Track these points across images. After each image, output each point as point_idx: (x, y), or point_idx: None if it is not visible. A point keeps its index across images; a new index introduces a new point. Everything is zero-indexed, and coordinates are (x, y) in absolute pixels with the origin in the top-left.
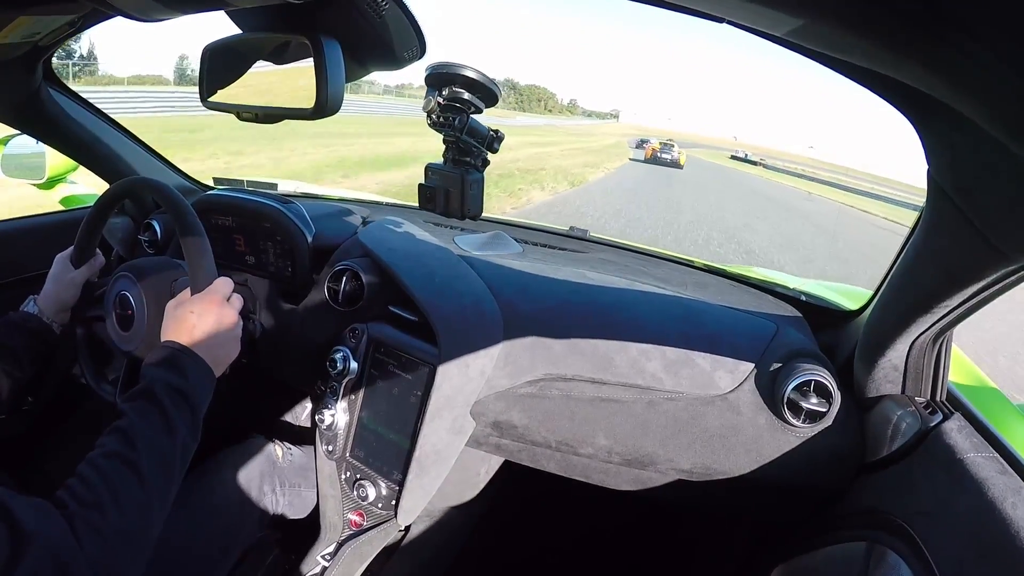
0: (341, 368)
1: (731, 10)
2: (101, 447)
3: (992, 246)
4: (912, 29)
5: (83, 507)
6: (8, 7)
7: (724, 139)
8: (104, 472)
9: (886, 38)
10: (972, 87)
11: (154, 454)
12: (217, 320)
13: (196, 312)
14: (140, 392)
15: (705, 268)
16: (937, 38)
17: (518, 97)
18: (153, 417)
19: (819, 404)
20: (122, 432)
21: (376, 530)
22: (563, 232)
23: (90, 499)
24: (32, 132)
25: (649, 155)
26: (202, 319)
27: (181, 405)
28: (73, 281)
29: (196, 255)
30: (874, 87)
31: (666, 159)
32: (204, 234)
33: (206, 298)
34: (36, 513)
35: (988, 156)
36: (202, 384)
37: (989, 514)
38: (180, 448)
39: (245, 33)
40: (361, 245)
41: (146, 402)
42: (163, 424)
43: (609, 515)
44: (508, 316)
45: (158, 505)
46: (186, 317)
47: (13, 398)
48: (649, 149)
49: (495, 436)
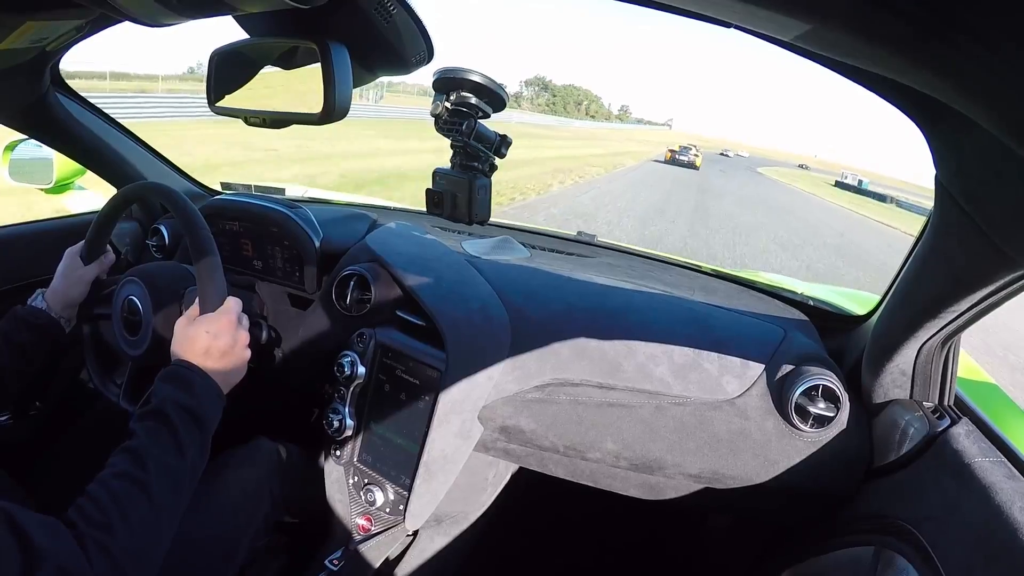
0: (349, 373)
1: (739, 15)
2: (112, 466)
3: (1000, 251)
4: (920, 34)
5: (93, 527)
6: (16, 12)
7: (798, 155)
8: (115, 492)
9: (894, 43)
10: (980, 92)
11: (164, 474)
12: (230, 341)
13: (211, 333)
14: (151, 412)
15: (713, 273)
16: (945, 43)
17: (550, 99)
18: (164, 437)
19: (827, 409)
20: (133, 452)
21: (384, 535)
22: (571, 237)
23: (100, 519)
24: (40, 137)
25: (668, 158)
26: (216, 340)
27: (191, 425)
28: (82, 278)
29: (208, 273)
30: (882, 92)
31: (683, 160)
32: (216, 251)
33: (220, 319)
34: (47, 531)
35: (996, 161)
36: (212, 404)
37: (997, 519)
38: (190, 468)
39: (253, 38)
40: (369, 250)
41: (157, 422)
42: (174, 444)
43: (616, 519)
44: (516, 321)
45: (167, 524)
46: (199, 336)
47: (20, 395)
48: (668, 152)
49: (503, 441)
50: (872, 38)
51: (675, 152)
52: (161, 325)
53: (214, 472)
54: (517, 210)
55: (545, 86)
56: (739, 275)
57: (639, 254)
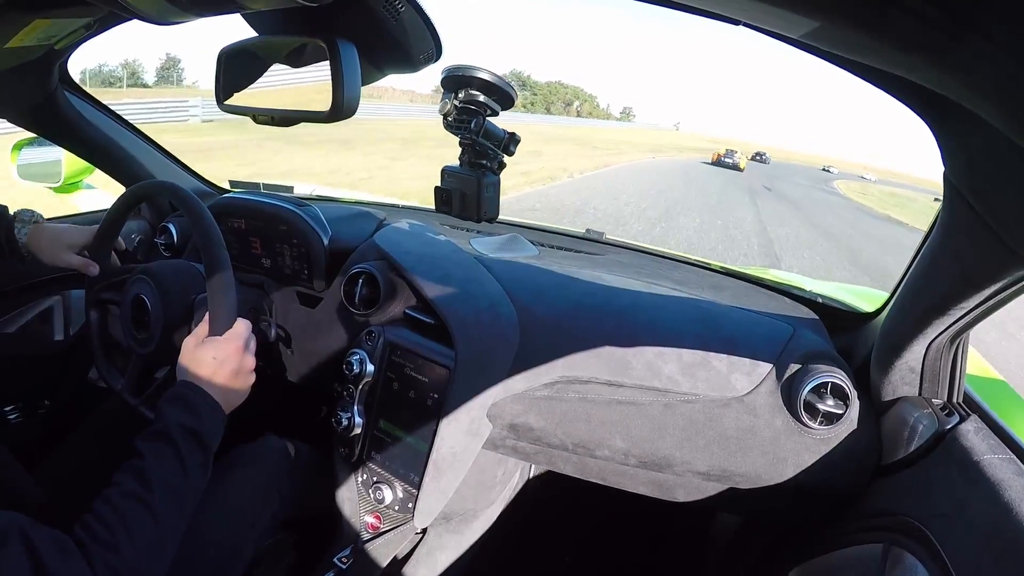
0: (358, 371)
1: (747, 12)
2: (118, 485)
3: (1009, 248)
4: (928, 31)
5: (102, 547)
6: (25, 10)
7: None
8: (122, 512)
9: (902, 40)
10: (988, 89)
11: (169, 495)
12: (236, 368)
13: (217, 359)
14: (157, 433)
15: (722, 271)
16: (953, 40)
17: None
18: (168, 459)
19: (836, 406)
20: (139, 473)
21: (393, 533)
22: (579, 235)
23: (108, 539)
24: (48, 135)
25: (715, 159)
26: (222, 366)
27: (195, 448)
28: (64, 252)
29: (219, 293)
30: (890, 89)
31: (728, 163)
32: (229, 266)
33: (228, 346)
34: (58, 550)
35: (1004, 158)
36: (215, 426)
37: (1006, 516)
38: (193, 489)
39: (261, 36)
40: (377, 248)
41: (163, 444)
42: (178, 466)
43: (625, 517)
44: (524, 318)
45: (171, 544)
46: (206, 360)
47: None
48: (714, 155)
49: (512, 439)
50: (882, 36)
51: (721, 155)
52: (169, 330)
53: (223, 470)
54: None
55: (523, 83)
56: (748, 273)
57: (647, 252)
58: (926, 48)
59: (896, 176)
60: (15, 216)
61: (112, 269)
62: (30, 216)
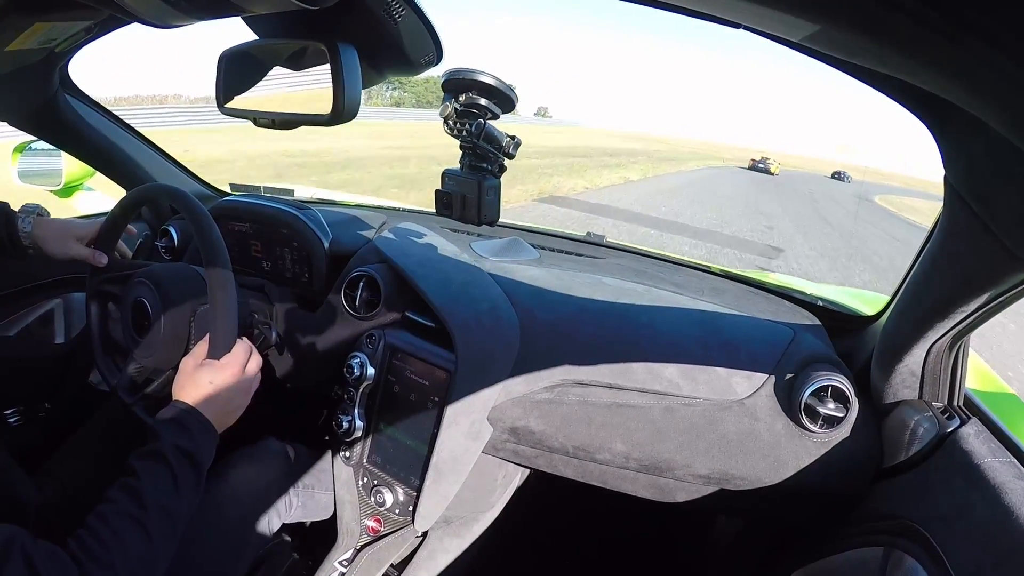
0: (358, 374)
1: (747, 16)
2: (112, 503)
3: (1009, 252)
4: (928, 34)
5: (96, 564)
6: (25, 13)
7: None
8: (116, 530)
9: (902, 43)
10: (989, 92)
11: (162, 514)
12: (231, 395)
13: (214, 384)
14: (151, 452)
15: (722, 274)
16: (954, 43)
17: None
18: (162, 478)
19: (836, 409)
20: (134, 491)
21: (393, 536)
22: (580, 238)
23: (102, 557)
24: (49, 138)
25: (750, 165)
26: (218, 392)
27: (188, 468)
28: (74, 244)
29: (221, 313)
30: (891, 92)
31: (762, 168)
32: (232, 283)
33: (226, 371)
34: (56, 567)
35: (1005, 161)
36: (208, 445)
37: (1007, 519)
38: (185, 508)
39: (261, 39)
40: (378, 251)
41: (156, 463)
42: (171, 485)
43: (626, 520)
44: (525, 322)
45: (162, 560)
46: (202, 385)
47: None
48: (750, 160)
49: (512, 442)
50: (881, 39)
51: (756, 161)
52: (168, 339)
53: (223, 472)
54: None
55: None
56: (748, 276)
57: (648, 255)
58: (926, 51)
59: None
60: (20, 209)
61: (118, 263)
62: (35, 208)
